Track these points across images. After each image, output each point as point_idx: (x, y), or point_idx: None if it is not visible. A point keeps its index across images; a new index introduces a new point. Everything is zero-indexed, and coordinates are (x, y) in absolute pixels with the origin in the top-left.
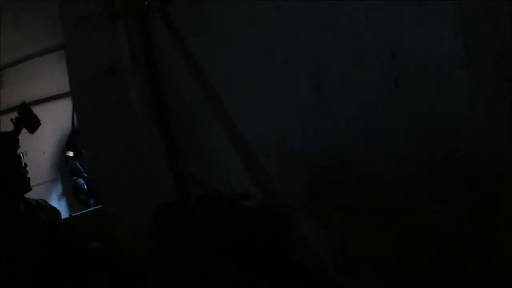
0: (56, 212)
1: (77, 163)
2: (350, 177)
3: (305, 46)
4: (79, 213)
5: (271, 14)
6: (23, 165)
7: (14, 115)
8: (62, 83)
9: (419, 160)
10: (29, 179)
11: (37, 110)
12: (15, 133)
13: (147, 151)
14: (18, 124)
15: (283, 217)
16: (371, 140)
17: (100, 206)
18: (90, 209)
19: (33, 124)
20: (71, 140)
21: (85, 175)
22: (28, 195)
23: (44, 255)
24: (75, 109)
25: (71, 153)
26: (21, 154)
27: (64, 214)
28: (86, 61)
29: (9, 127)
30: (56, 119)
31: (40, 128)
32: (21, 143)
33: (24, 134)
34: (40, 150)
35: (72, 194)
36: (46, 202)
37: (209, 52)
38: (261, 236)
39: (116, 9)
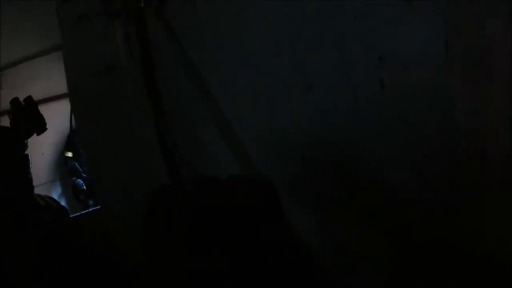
0: (63, 211)
1: (76, 163)
2: (342, 167)
3: (296, 47)
4: (78, 213)
5: (263, 15)
6: (29, 167)
7: None
8: (62, 84)
9: (406, 154)
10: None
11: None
12: (13, 130)
13: (145, 150)
14: (16, 122)
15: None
16: (360, 135)
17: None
18: (90, 209)
19: (37, 124)
20: (70, 141)
21: (84, 175)
22: None
23: (44, 256)
24: (72, 108)
25: (70, 154)
26: (28, 156)
27: None
28: (84, 60)
29: None
30: (56, 119)
31: None
32: None
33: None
34: (39, 151)
35: (72, 195)
36: (54, 201)
37: (204, 51)
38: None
39: (113, 9)
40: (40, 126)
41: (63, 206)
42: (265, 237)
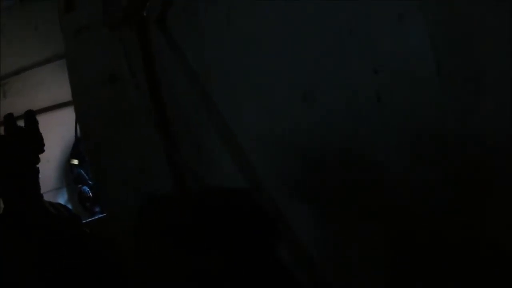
0: (73, 219)
1: (82, 171)
2: (342, 167)
3: (294, 57)
4: (84, 221)
5: (265, 21)
6: (38, 180)
7: (18, 124)
8: (65, 92)
9: (406, 154)
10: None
11: (41, 119)
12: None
13: (149, 157)
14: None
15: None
16: (360, 135)
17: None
18: (96, 217)
19: (34, 146)
20: (75, 149)
21: (90, 183)
22: None
23: (44, 256)
24: (77, 117)
25: (76, 161)
26: (39, 169)
27: None
28: (87, 70)
29: None
30: (60, 127)
31: (45, 136)
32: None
33: None
34: (44, 158)
35: (78, 202)
36: (66, 208)
37: (205, 59)
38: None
39: (116, 19)
40: (36, 148)
41: (75, 214)
42: (265, 237)
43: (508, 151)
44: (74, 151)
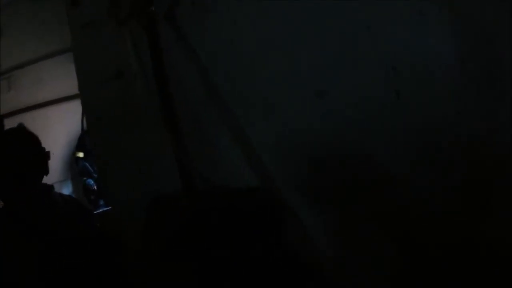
0: (84, 214)
1: (87, 164)
2: (344, 168)
3: (307, 54)
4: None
5: (276, 20)
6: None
7: (23, 117)
8: (70, 85)
9: (407, 155)
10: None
11: (46, 112)
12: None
13: (156, 153)
14: None
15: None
16: (361, 136)
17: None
18: (101, 210)
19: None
20: (81, 141)
21: (95, 175)
22: None
23: (45, 256)
24: (84, 112)
25: (81, 154)
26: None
27: None
28: (93, 65)
29: None
30: (65, 120)
31: (49, 129)
32: None
33: None
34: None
35: (82, 195)
36: (76, 201)
37: (214, 55)
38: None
39: (123, 14)
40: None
41: (85, 207)
42: (265, 237)
43: (508, 151)
44: (80, 143)
